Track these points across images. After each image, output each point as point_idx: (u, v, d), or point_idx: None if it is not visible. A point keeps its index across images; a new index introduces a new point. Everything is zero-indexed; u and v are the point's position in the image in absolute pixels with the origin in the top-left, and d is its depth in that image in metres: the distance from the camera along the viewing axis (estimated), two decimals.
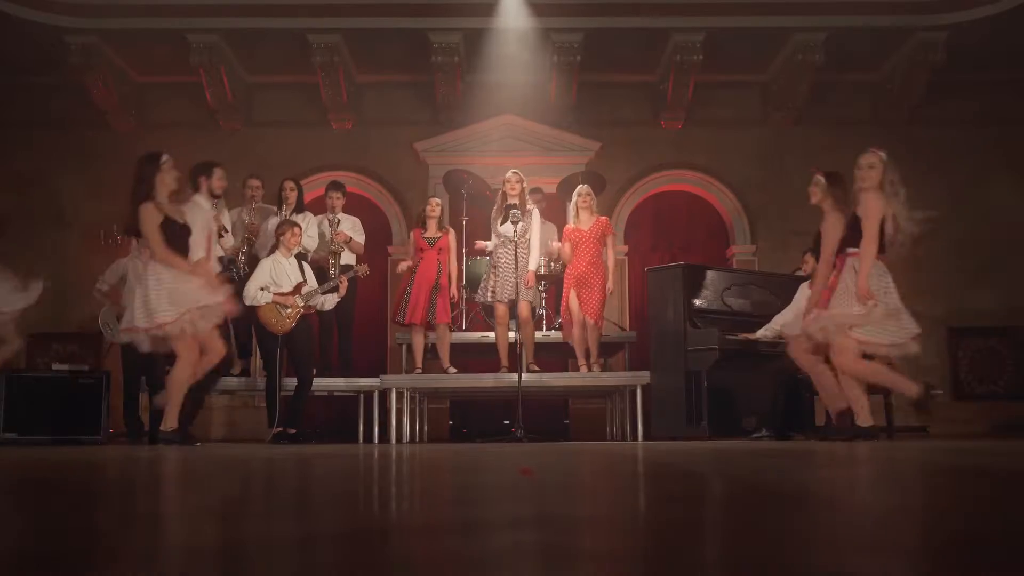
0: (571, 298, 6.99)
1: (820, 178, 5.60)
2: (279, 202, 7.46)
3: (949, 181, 10.06)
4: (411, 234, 7.40)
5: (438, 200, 7.48)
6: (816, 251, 5.80)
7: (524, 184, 7.09)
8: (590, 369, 7.01)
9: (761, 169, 10.03)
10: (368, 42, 9.40)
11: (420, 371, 7.27)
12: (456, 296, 7.33)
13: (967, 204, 10.02)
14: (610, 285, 7.04)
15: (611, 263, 7.08)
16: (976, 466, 2.79)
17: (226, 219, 7.13)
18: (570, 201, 7.33)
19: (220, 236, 7.20)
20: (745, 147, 9.97)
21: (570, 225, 7.18)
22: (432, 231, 7.20)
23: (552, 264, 7.63)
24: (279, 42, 9.34)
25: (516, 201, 6.89)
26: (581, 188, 7.27)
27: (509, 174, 7.06)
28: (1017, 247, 9.98)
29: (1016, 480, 2.24)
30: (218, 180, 6.43)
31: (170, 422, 5.35)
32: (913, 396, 5.02)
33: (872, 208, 5.08)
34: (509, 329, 7.00)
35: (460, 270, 7.62)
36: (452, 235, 7.24)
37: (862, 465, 2.86)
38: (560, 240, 7.36)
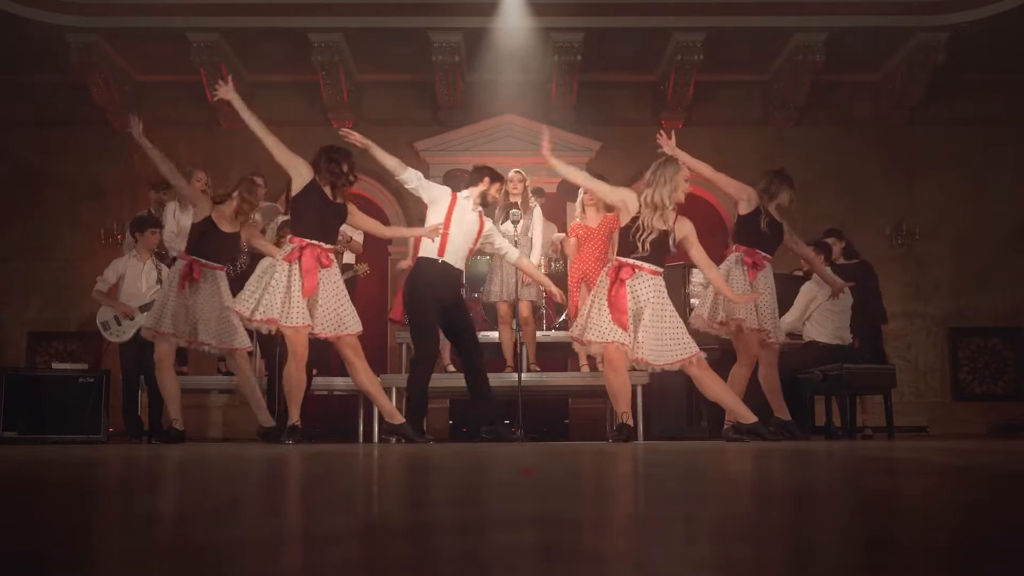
0: (580, 295, 6.92)
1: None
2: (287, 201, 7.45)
3: (949, 181, 10.07)
4: None
5: None
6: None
7: (527, 183, 7.07)
8: (594, 368, 6.98)
9: (761, 169, 10.01)
10: (369, 41, 9.40)
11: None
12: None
13: (967, 204, 10.03)
14: None
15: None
16: (976, 466, 2.79)
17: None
18: (576, 199, 7.17)
19: None
20: (745, 147, 9.96)
21: (576, 222, 7.05)
22: None
23: (553, 263, 7.58)
24: (280, 41, 9.34)
25: (518, 200, 6.87)
26: None
27: (512, 173, 7.02)
28: (1017, 247, 9.99)
29: (1016, 480, 2.25)
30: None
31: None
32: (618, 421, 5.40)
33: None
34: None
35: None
36: None
37: (861, 465, 2.87)
38: (566, 236, 7.17)
